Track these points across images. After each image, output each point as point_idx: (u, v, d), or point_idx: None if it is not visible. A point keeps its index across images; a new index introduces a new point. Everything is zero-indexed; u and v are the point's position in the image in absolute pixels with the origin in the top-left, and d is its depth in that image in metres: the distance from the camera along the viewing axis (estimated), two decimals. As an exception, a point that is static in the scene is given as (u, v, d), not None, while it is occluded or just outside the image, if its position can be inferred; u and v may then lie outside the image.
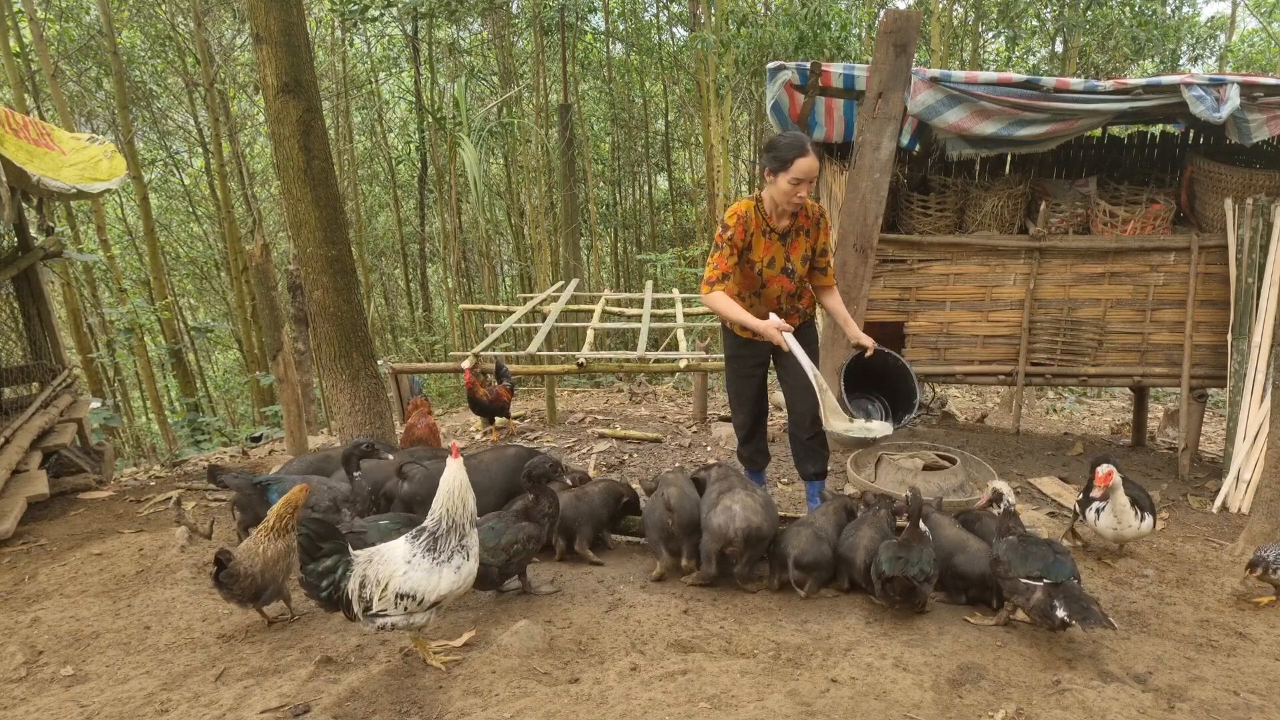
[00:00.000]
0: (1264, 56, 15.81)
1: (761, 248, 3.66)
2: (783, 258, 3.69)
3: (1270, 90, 4.58)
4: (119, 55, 11.33)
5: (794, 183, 3.42)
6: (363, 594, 2.54)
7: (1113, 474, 3.50)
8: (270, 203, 16.58)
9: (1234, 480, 4.75)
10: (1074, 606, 2.72)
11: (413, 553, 2.59)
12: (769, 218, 3.64)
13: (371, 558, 2.60)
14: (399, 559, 2.58)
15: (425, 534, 2.62)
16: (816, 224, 3.72)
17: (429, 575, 2.56)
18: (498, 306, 10.40)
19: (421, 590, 2.54)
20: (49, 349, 5.79)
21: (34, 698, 2.62)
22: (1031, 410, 9.34)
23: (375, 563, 2.58)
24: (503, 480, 3.70)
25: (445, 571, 2.57)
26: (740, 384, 4.05)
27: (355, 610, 2.55)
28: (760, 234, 3.64)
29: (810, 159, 3.39)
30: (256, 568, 2.87)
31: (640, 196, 17.81)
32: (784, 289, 3.76)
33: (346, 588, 2.53)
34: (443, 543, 2.59)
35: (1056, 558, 2.86)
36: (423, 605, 2.56)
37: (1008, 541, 2.98)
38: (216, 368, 17.69)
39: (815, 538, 3.27)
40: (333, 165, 4.45)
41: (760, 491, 3.41)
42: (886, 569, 2.96)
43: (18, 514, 4.19)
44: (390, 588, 2.53)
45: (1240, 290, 5.02)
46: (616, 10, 15.32)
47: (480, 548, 3.06)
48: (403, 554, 2.59)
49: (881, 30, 4.77)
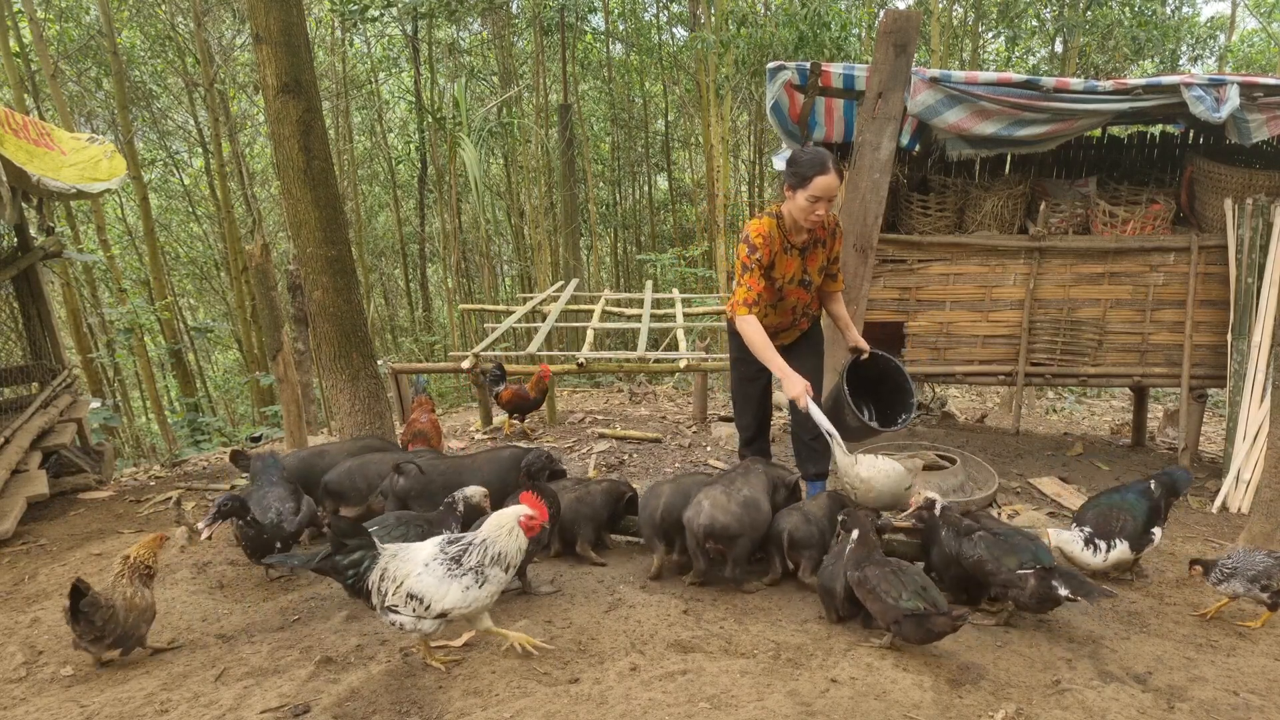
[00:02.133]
0: (1264, 56, 15.81)
1: (784, 265, 3.62)
2: (800, 271, 3.67)
3: (1270, 90, 4.58)
4: (119, 55, 11.33)
5: (812, 200, 3.36)
6: (380, 586, 2.56)
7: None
8: (270, 203, 16.57)
9: (1234, 480, 4.75)
10: (1073, 583, 2.76)
11: (434, 557, 2.60)
12: (789, 234, 3.58)
13: (397, 553, 2.63)
14: (419, 560, 2.60)
15: (456, 544, 2.63)
16: (833, 234, 3.69)
17: (439, 584, 2.56)
18: (498, 306, 10.40)
19: (429, 596, 2.55)
20: (49, 349, 5.79)
21: (34, 698, 2.62)
22: (1031, 410, 9.34)
23: (399, 559, 2.61)
24: (496, 481, 3.70)
25: (454, 586, 2.57)
26: (746, 386, 4.05)
27: (374, 601, 2.58)
28: (782, 251, 3.59)
29: (830, 177, 3.32)
30: (118, 605, 2.71)
31: (640, 196, 17.81)
32: (800, 300, 3.74)
33: (369, 579, 2.57)
34: (466, 560, 2.59)
35: (1038, 544, 2.90)
36: (430, 612, 2.55)
37: (981, 539, 2.97)
38: (216, 368, 17.68)
39: (805, 519, 3.28)
40: (332, 165, 4.46)
41: (748, 491, 3.35)
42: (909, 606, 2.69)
43: (18, 514, 4.19)
44: (404, 586, 2.56)
45: (1240, 290, 5.02)
46: (616, 10, 15.32)
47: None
48: (424, 556, 2.61)
49: (881, 30, 4.77)
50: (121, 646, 2.77)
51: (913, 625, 2.61)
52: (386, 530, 3.13)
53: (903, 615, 2.61)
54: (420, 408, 5.16)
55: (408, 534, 3.14)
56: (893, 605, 2.60)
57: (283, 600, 3.29)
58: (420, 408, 5.16)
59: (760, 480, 3.47)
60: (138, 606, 2.76)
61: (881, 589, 2.64)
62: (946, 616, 2.57)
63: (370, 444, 4.22)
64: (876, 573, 2.69)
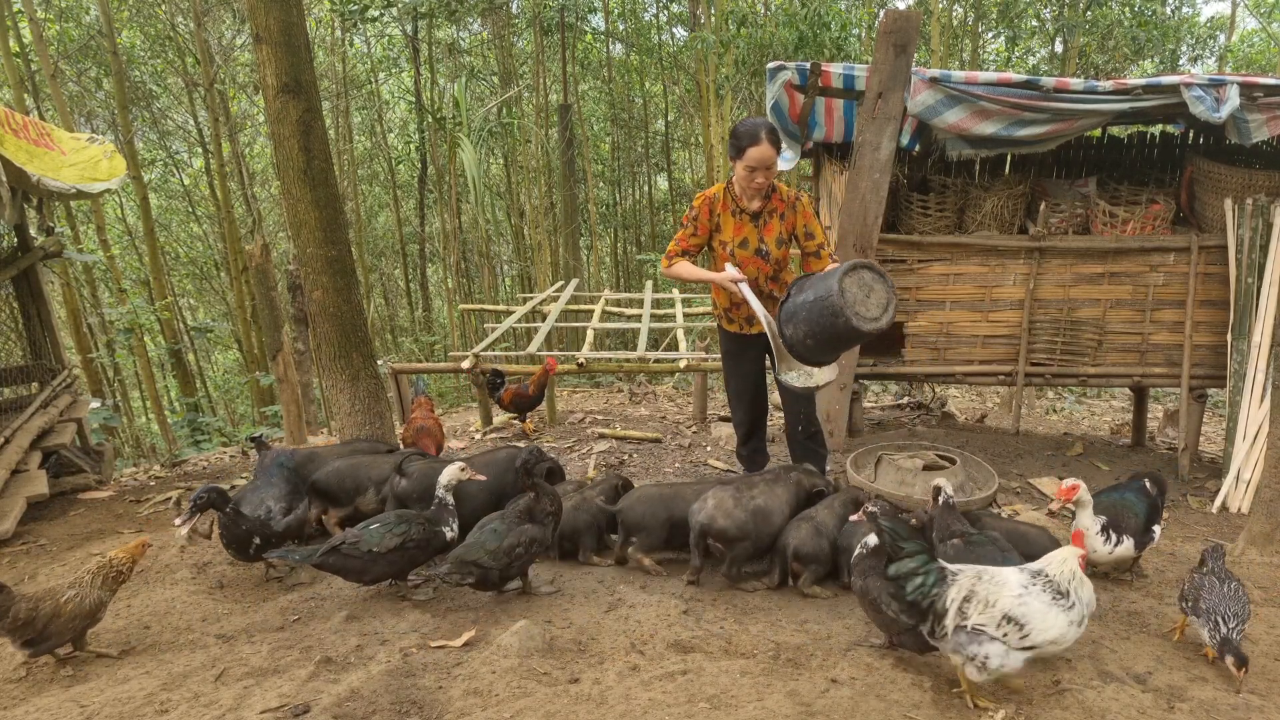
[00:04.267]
0: (1264, 56, 15.81)
1: (731, 228, 3.75)
2: (755, 239, 3.75)
3: (1270, 90, 4.58)
4: (119, 55, 11.33)
5: (749, 170, 3.55)
6: (964, 607, 2.42)
7: (1078, 489, 3.22)
8: (270, 203, 16.57)
9: (1234, 480, 4.75)
10: None
11: (1028, 584, 2.46)
12: (739, 199, 3.73)
13: (981, 575, 2.49)
14: (1014, 584, 2.46)
15: (1041, 575, 2.49)
16: (792, 207, 3.76)
17: (1045, 611, 2.40)
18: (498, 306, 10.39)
19: (1033, 624, 2.38)
20: (49, 349, 5.79)
21: (34, 698, 2.62)
22: (1031, 410, 9.34)
23: (985, 580, 2.48)
24: (494, 482, 3.70)
25: (1060, 618, 2.40)
26: (738, 381, 4.07)
27: (946, 623, 2.42)
28: (730, 214, 3.75)
29: (763, 147, 3.49)
30: (43, 612, 2.68)
31: (640, 196, 17.82)
32: (760, 270, 3.80)
33: (944, 597, 2.43)
34: (1071, 592, 2.45)
35: (1005, 557, 2.89)
36: (1025, 640, 2.39)
37: (954, 546, 2.98)
38: (216, 368, 17.67)
39: (815, 532, 3.27)
40: (332, 165, 4.45)
41: (762, 500, 3.35)
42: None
43: (18, 514, 4.19)
44: (997, 608, 2.40)
45: (1240, 290, 5.02)
46: (616, 10, 15.32)
47: (480, 550, 3.06)
48: (1018, 581, 2.48)
49: (881, 30, 4.77)
50: (32, 649, 2.73)
51: (912, 638, 2.63)
52: (388, 528, 3.12)
53: (903, 629, 2.61)
54: (420, 408, 5.17)
55: (409, 530, 3.12)
56: (892, 619, 2.60)
57: (283, 600, 3.29)
58: (420, 408, 5.17)
59: (784, 491, 3.46)
60: (67, 612, 2.71)
61: (882, 601, 2.64)
62: None
63: (357, 447, 4.22)
64: (878, 584, 2.69)
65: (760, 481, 3.47)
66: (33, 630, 2.69)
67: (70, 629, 2.75)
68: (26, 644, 2.72)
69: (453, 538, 3.25)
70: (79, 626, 2.78)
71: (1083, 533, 3.21)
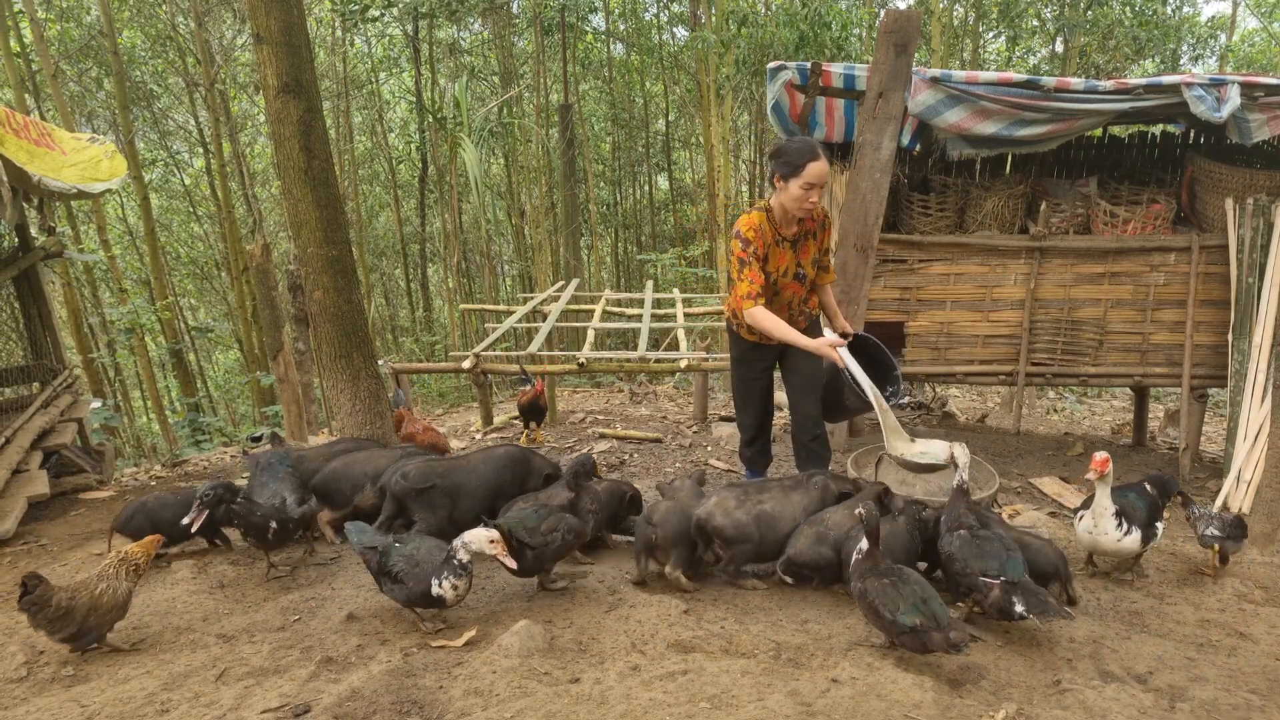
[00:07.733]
0: (1264, 56, 15.80)
1: (777, 258, 3.62)
2: (794, 264, 3.67)
3: (1271, 90, 4.58)
4: (119, 55, 11.33)
5: (806, 188, 3.37)
6: None
7: (1108, 463, 3.24)
8: (270, 203, 16.57)
9: (1234, 480, 4.75)
10: (1031, 601, 2.77)
11: None
12: (779, 227, 3.59)
13: None
14: None
15: None
16: (822, 225, 3.70)
17: None
18: (498, 306, 10.40)
19: None
20: (49, 349, 5.79)
21: (34, 698, 2.62)
22: (1032, 410, 9.34)
23: None
24: (491, 481, 3.68)
25: None
26: (747, 386, 4.04)
27: None
28: (774, 245, 3.60)
29: (821, 163, 3.34)
30: (80, 604, 2.70)
31: (640, 196, 17.82)
32: (796, 294, 3.74)
33: None
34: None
35: (1009, 555, 2.89)
36: None
37: (960, 538, 2.97)
38: (217, 368, 17.68)
39: (817, 540, 3.25)
40: (333, 165, 4.45)
41: (770, 506, 3.30)
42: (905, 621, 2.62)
43: (18, 514, 4.19)
44: None
45: (1241, 290, 5.01)
46: (617, 10, 15.32)
47: (520, 526, 3.03)
48: None
49: (882, 30, 4.77)
50: (75, 642, 2.77)
51: (911, 639, 2.63)
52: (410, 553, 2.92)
53: (901, 630, 2.61)
54: (412, 422, 4.96)
55: (418, 550, 2.92)
56: (890, 620, 2.60)
57: (283, 600, 3.29)
58: (412, 422, 4.96)
59: (802, 497, 3.38)
60: (103, 605, 2.75)
61: (880, 603, 2.64)
62: (942, 633, 2.57)
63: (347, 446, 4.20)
64: (876, 585, 2.68)
65: (777, 486, 3.42)
66: (73, 623, 2.72)
67: (108, 620, 2.79)
68: (71, 637, 2.74)
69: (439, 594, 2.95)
70: (114, 619, 2.81)
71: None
